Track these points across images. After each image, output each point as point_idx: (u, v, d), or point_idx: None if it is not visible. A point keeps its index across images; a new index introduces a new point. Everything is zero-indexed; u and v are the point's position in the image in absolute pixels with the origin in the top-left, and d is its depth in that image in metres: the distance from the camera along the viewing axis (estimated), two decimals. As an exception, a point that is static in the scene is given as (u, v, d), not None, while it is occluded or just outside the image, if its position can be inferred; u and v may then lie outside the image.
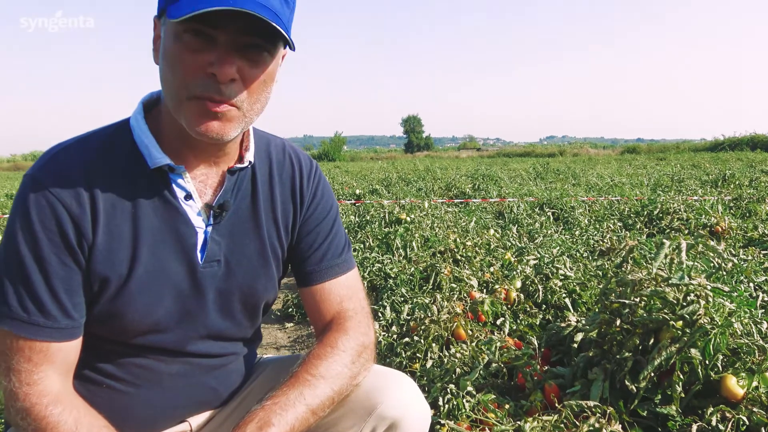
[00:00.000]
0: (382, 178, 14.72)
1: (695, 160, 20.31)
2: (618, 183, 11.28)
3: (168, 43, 1.02)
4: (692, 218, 5.74)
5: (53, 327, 1.05)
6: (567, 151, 46.14)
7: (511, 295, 3.19)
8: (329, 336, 1.25)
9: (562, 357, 2.46)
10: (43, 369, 1.05)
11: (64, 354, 1.08)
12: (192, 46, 1.00)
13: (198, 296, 1.18)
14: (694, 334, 1.79)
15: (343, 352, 1.22)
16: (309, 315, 1.35)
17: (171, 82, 1.03)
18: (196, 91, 1.01)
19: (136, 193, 1.11)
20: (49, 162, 1.08)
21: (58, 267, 1.05)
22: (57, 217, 1.04)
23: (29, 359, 1.05)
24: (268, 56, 1.06)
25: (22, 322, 1.04)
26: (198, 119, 1.04)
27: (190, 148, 1.15)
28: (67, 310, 1.07)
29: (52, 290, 1.05)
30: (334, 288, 1.31)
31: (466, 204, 8.51)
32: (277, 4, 1.01)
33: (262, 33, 1.01)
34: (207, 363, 1.26)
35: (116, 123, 1.18)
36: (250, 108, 1.08)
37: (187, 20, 0.96)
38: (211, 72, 1.00)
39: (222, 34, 0.99)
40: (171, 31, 1.01)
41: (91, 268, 1.08)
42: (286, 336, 3.77)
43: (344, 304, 1.31)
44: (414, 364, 2.60)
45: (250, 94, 1.06)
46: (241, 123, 1.08)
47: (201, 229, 1.17)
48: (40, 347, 1.05)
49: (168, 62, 1.02)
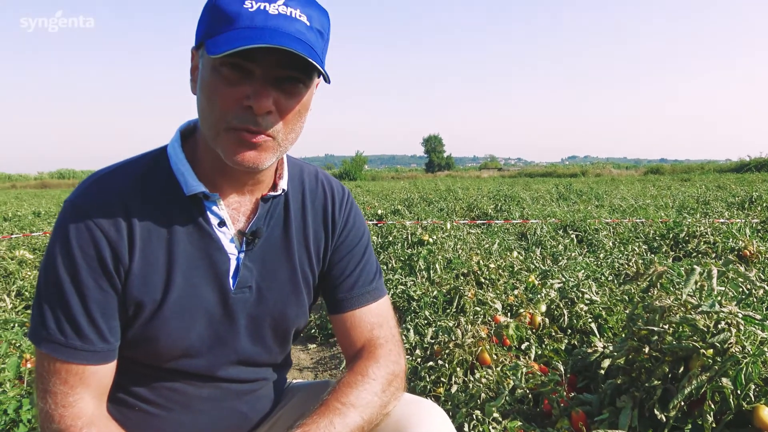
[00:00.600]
0: (404, 198, 14.73)
1: (721, 181, 20.05)
2: (642, 205, 11.16)
3: (206, 76, 1.05)
4: (719, 242, 5.66)
5: (89, 350, 1.08)
6: (589, 171, 45.82)
7: (536, 319, 3.17)
8: (360, 364, 1.25)
9: (588, 383, 2.43)
10: (78, 391, 1.07)
11: (99, 377, 1.10)
12: (229, 79, 1.02)
13: (229, 322, 1.20)
14: (726, 363, 1.77)
15: (374, 381, 1.22)
16: (340, 342, 1.35)
17: (209, 114, 1.06)
18: (234, 122, 1.03)
19: (171, 220, 1.14)
20: (88, 189, 1.11)
21: (96, 291, 1.07)
22: (95, 242, 1.07)
23: (65, 381, 1.07)
24: (303, 88, 1.08)
25: (60, 345, 1.06)
26: (235, 149, 1.06)
27: (225, 176, 1.17)
28: (104, 333, 1.09)
29: (89, 314, 1.07)
30: (365, 316, 1.32)
31: (488, 225, 8.48)
32: (312, 37, 1.03)
33: (298, 66, 1.03)
34: (237, 388, 1.27)
35: (154, 150, 1.21)
36: (285, 138, 1.10)
37: (225, 56, 0.99)
38: (248, 105, 1.02)
39: (258, 67, 1.01)
40: (209, 63, 1.03)
41: (126, 292, 1.10)
42: (309, 357, 3.78)
43: (375, 331, 1.32)
44: (438, 389, 2.59)
45: (286, 124, 1.08)
46: (276, 152, 1.10)
47: (233, 256, 1.19)
48: (76, 370, 1.07)
49: (206, 94, 1.05)
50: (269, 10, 1.00)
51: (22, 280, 5.52)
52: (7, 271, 6.18)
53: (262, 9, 0.99)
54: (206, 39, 1.02)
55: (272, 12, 1.00)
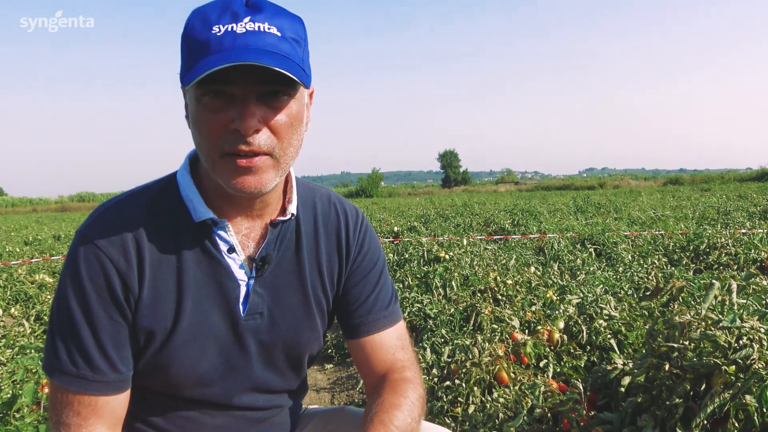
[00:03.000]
0: (420, 215, 14.72)
1: (741, 191, 19.80)
2: (661, 216, 11.04)
3: (192, 108, 1.05)
4: (741, 253, 5.57)
5: (101, 381, 1.07)
6: (607, 183, 45.52)
7: (554, 336, 3.13)
8: (398, 385, 1.24)
9: (608, 401, 2.38)
10: (91, 422, 1.07)
11: (111, 408, 1.09)
12: (212, 106, 1.01)
13: (241, 349, 1.19)
14: (749, 380, 1.72)
15: (412, 404, 1.21)
16: (359, 366, 1.33)
17: (202, 144, 1.05)
18: (225, 147, 1.02)
19: (180, 247, 1.13)
20: (98, 219, 1.12)
21: (106, 321, 1.07)
22: (105, 272, 1.07)
23: (78, 413, 1.06)
24: (287, 98, 1.05)
25: (72, 376, 1.06)
26: (232, 176, 1.05)
27: (231, 203, 1.17)
28: (115, 364, 1.08)
29: (100, 344, 1.07)
30: (386, 340, 1.30)
31: (505, 240, 8.43)
32: (286, 47, 1.02)
33: (276, 79, 1.01)
34: (252, 416, 1.26)
35: (165, 177, 1.21)
36: (283, 153, 1.07)
37: (202, 83, 0.99)
38: (234, 128, 1.01)
39: (237, 88, 1.00)
40: (193, 96, 1.03)
41: (137, 322, 1.10)
42: (325, 377, 3.76)
43: (398, 354, 1.30)
44: (456, 408, 2.56)
45: (280, 139, 1.06)
46: (277, 171, 1.08)
47: (243, 282, 1.18)
48: (89, 401, 1.07)
49: (196, 126, 1.04)
50: (237, 30, 0.98)
51: (41, 304, 5.57)
52: (27, 295, 6.24)
53: (229, 31, 0.98)
54: (184, 75, 1.02)
55: (240, 31, 0.98)
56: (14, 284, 6.50)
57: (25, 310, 5.73)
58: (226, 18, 0.99)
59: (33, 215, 41.34)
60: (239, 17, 0.99)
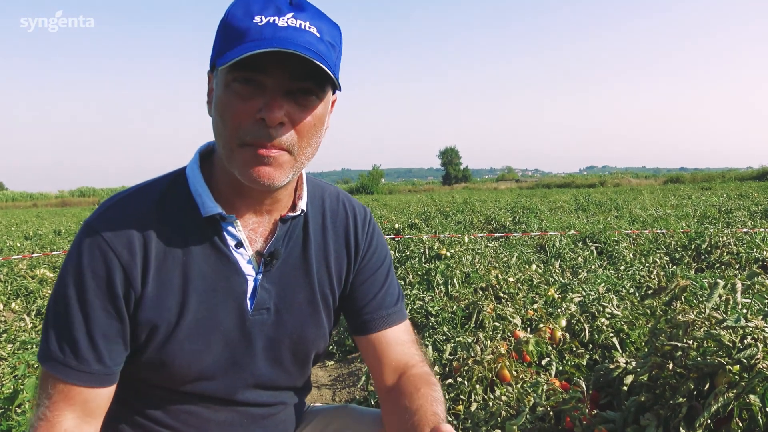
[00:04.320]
0: (421, 212, 14.71)
1: (742, 190, 19.80)
2: (663, 215, 11.03)
3: (219, 93, 1.04)
4: (743, 252, 5.57)
5: (84, 371, 1.06)
6: (608, 181, 45.51)
7: (557, 334, 3.12)
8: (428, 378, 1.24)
9: (611, 400, 2.37)
10: (60, 407, 1.06)
11: (85, 398, 1.07)
12: (241, 93, 1.02)
13: (247, 344, 1.18)
14: (753, 380, 1.71)
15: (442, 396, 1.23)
16: (371, 362, 1.31)
17: (222, 131, 1.05)
18: (247, 137, 1.03)
19: (188, 241, 1.13)
20: (106, 211, 1.12)
21: (100, 313, 1.06)
22: (107, 264, 1.06)
23: (50, 396, 1.06)
24: (315, 99, 1.06)
25: (57, 363, 1.05)
26: (250, 165, 1.04)
27: (242, 197, 1.16)
28: (102, 356, 1.07)
29: (90, 335, 1.06)
30: (398, 335, 1.30)
31: (506, 238, 8.43)
32: (323, 48, 1.02)
33: (309, 77, 1.02)
34: (255, 412, 1.25)
35: (174, 172, 1.21)
36: (301, 152, 1.08)
37: (235, 68, 0.99)
38: (260, 117, 1.01)
39: (269, 79, 1.01)
40: (221, 81, 1.03)
41: (140, 315, 1.09)
42: (326, 374, 3.76)
43: (412, 348, 1.31)
44: (458, 406, 2.55)
45: (301, 137, 1.06)
46: (292, 168, 1.09)
47: (251, 277, 1.18)
48: (62, 388, 1.06)
49: (219, 111, 1.04)
50: (278, 23, 1.00)
51: (42, 299, 5.57)
52: (27, 290, 6.24)
53: (271, 22, 0.99)
54: (218, 57, 1.02)
55: (281, 24, 1.00)
56: (15, 279, 6.50)
57: (25, 304, 5.73)
58: (270, 11, 1.01)
59: (33, 210, 41.36)
60: (282, 12, 1.01)
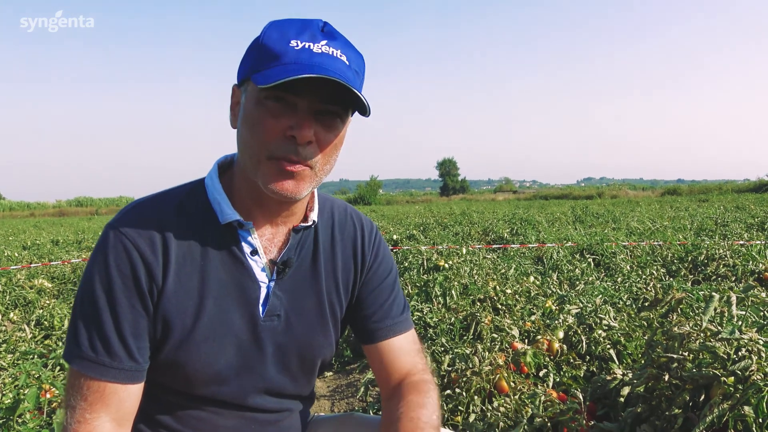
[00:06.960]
0: (419, 223, 14.74)
1: (739, 202, 19.87)
2: (660, 227, 11.07)
3: (250, 108, 1.11)
4: (739, 264, 5.59)
5: (117, 368, 1.10)
6: (605, 192, 45.61)
7: (554, 346, 3.14)
8: (420, 386, 1.28)
9: (608, 411, 2.40)
10: (97, 409, 1.09)
11: (120, 397, 1.11)
12: (274, 111, 1.08)
13: (257, 349, 1.22)
14: (747, 391, 1.74)
15: (434, 403, 1.26)
16: (378, 370, 1.37)
17: (250, 143, 1.11)
18: (276, 152, 1.09)
19: (206, 247, 1.18)
20: (128, 213, 1.17)
21: (128, 310, 1.10)
22: (131, 261, 1.11)
23: (85, 398, 1.09)
24: (340, 123, 1.15)
25: (89, 362, 1.08)
26: (274, 178, 1.11)
27: (260, 206, 1.22)
28: (132, 352, 1.11)
29: (120, 332, 1.10)
30: (404, 343, 1.36)
31: (504, 249, 8.45)
32: (351, 75, 1.10)
33: (337, 101, 1.11)
34: (263, 418, 1.29)
35: (192, 182, 1.27)
36: (321, 169, 1.15)
37: (271, 88, 1.05)
38: (290, 134, 1.08)
39: (302, 101, 1.08)
40: (253, 97, 1.10)
41: (158, 313, 1.14)
42: (325, 385, 3.77)
43: (416, 358, 1.36)
44: (456, 417, 2.57)
45: (324, 156, 1.14)
46: (312, 182, 1.16)
47: (264, 284, 1.23)
48: (97, 386, 1.09)
49: (248, 125, 1.11)
50: (313, 48, 1.07)
51: (41, 309, 5.57)
52: (26, 300, 6.24)
53: (306, 48, 1.07)
54: (252, 74, 1.08)
55: (316, 51, 1.07)
56: (13, 289, 6.50)
57: (24, 314, 5.73)
58: (305, 37, 1.08)
59: (31, 219, 41.30)
60: (317, 39, 1.09)
